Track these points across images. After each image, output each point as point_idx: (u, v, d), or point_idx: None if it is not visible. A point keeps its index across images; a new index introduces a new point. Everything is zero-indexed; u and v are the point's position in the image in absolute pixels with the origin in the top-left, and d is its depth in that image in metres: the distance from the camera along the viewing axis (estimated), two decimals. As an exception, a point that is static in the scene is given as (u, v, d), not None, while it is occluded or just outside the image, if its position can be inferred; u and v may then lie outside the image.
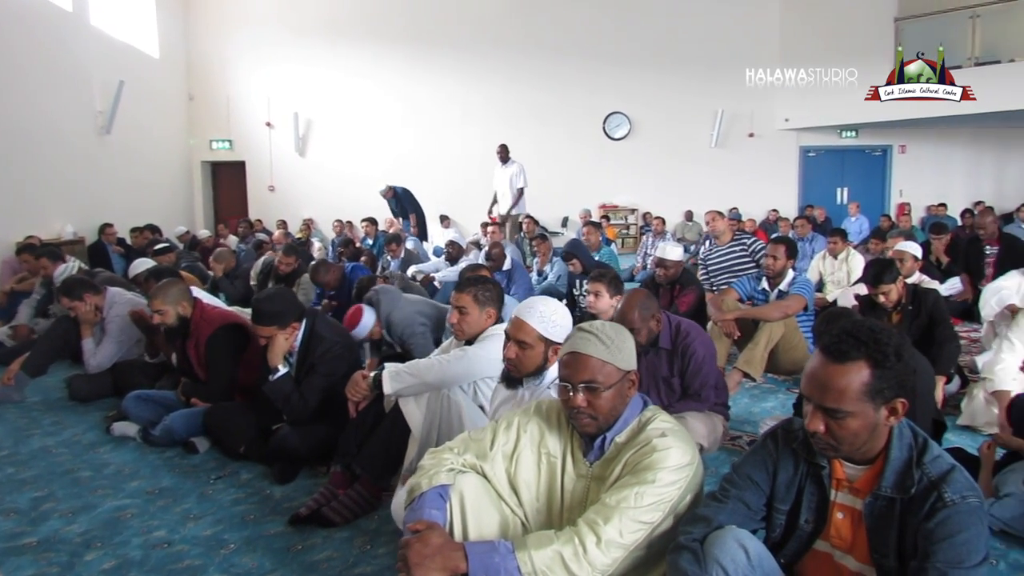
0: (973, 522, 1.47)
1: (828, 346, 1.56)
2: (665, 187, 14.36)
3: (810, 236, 9.17)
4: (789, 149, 14.79)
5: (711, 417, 3.21)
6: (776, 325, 4.36)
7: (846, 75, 12.21)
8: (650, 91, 14.28)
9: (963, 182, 14.86)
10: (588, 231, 7.47)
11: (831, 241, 6.99)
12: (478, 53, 14.19)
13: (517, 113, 14.07)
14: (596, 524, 1.69)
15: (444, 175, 13.84)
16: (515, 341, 2.32)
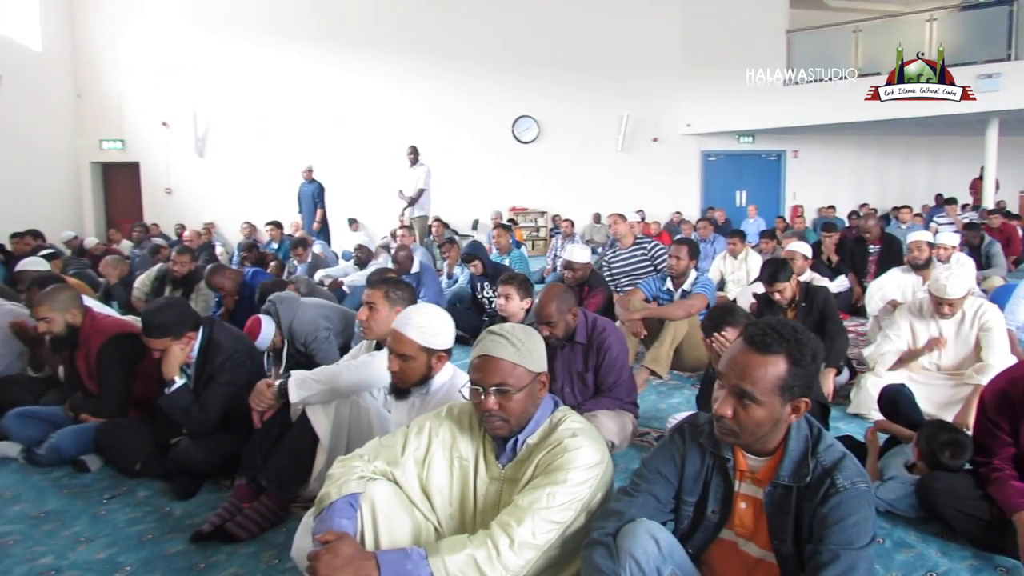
0: (862, 506, 1.58)
1: (753, 337, 1.63)
2: (574, 190, 14.60)
3: (711, 237, 9.49)
4: (691, 153, 15.32)
5: (621, 415, 3.27)
6: (680, 323, 4.51)
7: (756, 78, 12.84)
8: (558, 96, 14.49)
9: (849, 185, 15.81)
10: (498, 233, 7.50)
11: (731, 242, 7.26)
12: (388, 54, 13.99)
13: (428, 115, 13.97)
14: (509, 526, 1.69)
15: (353, 177, 13.58)
16: (396, 354, 2.28)
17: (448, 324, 2.37)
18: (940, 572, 2.30)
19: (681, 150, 15.13)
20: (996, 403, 2.41)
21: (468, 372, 1.94)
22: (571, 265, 5.13)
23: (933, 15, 12.31)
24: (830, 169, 15.75)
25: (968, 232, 7.56)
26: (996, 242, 7.77)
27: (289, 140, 13.79)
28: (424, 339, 2.26)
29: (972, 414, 3.06)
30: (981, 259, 7.33)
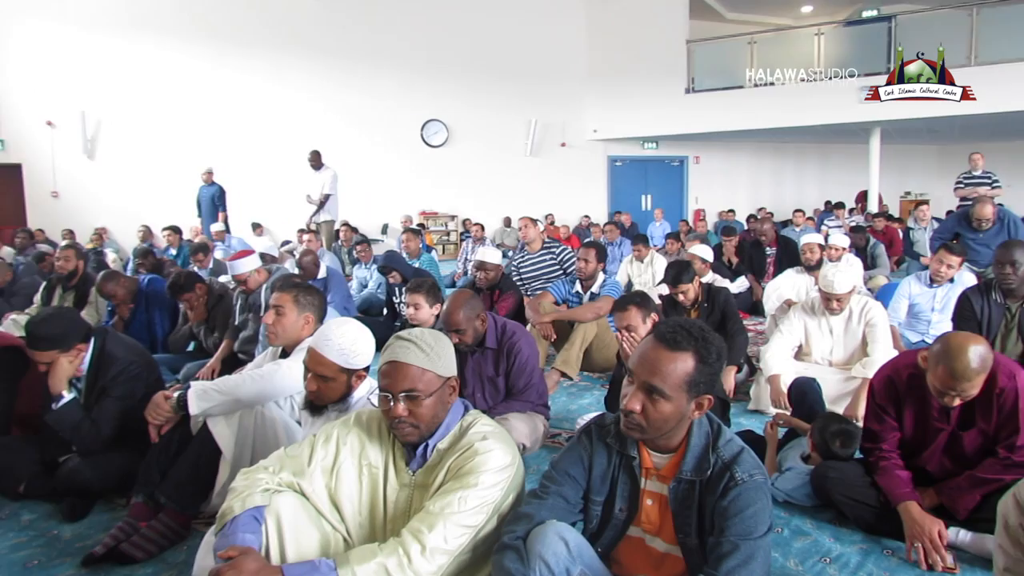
0: (759, 497, 1.65)
1: (664, 334, 1.67)
2: (484, 194, 14.64)
3: (619, 240, 9.71)
4: (598, 158, 15.64)
5: (532, 417, 3.30)
6: (590, 325, 4.58)
7: (658, 86, 13.22)
8: (467, 100, 14.50)
9: (747, 190, 16.55)
10: (407, 238, 7.42)
11: (635, 249, 7.45)
12: (291, 56, 13.59)
13: (333, 118, 13.68)
14: (420, 532, 1.68)
15: (256, 180, 13.12)
16: (315, 375, 2.21)
17: (368, 341, 2.29)
18: (833, 557, 2.42)
19: (588, 155, 15.43)
20: (883, 391, 2.56)
21: (376, 378, 1.90)
22: (483, 266, 5.14)
23: (820, 29, 13.03)
24: (730, 174, 16.44)
25: (854, 235, 8.03)
26: (880, 244, 8.28)
27: (187, 142, 13.17)
28: (345, 361, 2.20)
29: (861, 406, 3.25)
30: (867, 260, 7.79)
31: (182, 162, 12.75)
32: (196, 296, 4.77)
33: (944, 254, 4.85)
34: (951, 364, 2.21)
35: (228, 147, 13.15)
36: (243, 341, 4.64)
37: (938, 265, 4.84)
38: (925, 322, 4.90)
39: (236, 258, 4.81)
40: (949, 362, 2.22)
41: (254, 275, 4.70)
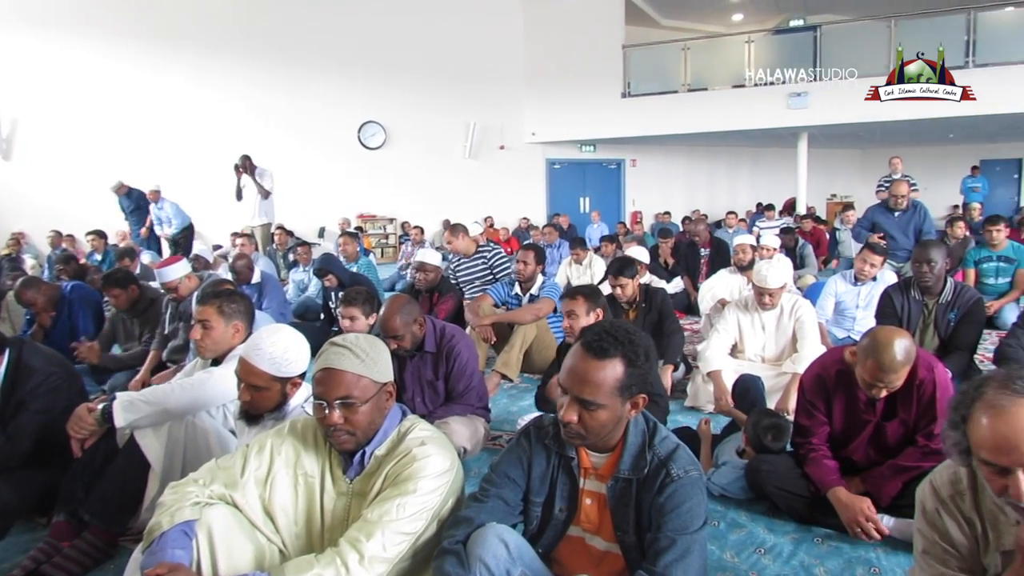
0: (694, 492, 1.68)
1: (589, 343, 1.67)
2: (423, 196, 14.53)
3: (557, 242, 9.77)
4: (537, 161, 15.71)
5: (473, 420, 3.29)
6: (529, 327, 4.60)
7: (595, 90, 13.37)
8: (405, 102, 14.35)
9: (683, 193, 16.90)
10: (345, 241, 7.31)
11: (574, 252, 7.51)
12: (222, 56, 13.22)
13: (267, 120, 13.37)
14: (358, 541, 1.65)
15: (188, 183, 12.67)
16: (247, 385, 2.15)
17: (302, 347, 2.24)
18: (767, 547, 2.49)
19: (527, 158, 15.48)
20: (813, 387, 2.65)
21: (311, 385, 1.86)
22: (423, 267, 5.11)
23: (751, 37, 13.39)
24: (665, 177, 16.75)
25: (784, 236, 8.27)
26: (808, 244, 8.56)
27: (111, 144, 12.68)
28: (277, 370, 2.14)
29: (792, 400, 3.37)
30: (796, 260, 8.04)
31: (105, 164, 12.23)
32: (127, 295, 4.62)
33: (867, 254, 5.05)
34: (879, 357, 2.31)
35: (154, 149, 12.72)
36: (172, 350, 4.49)
37: (862, 264, 5.04)
38: (850, 319, 5.09)
39: (165, 265, 4.64)
40: (877, 355, 2.31)
41: (184, 282, 4.54)
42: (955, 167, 15.70)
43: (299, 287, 7.42)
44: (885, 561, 2.37)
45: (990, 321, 5.63)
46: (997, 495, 1.35)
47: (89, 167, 12.47)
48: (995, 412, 1.32)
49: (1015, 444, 1.29)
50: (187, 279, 4.56)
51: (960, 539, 1.52)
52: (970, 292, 4.06)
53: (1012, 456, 1.29)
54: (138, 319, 4.77)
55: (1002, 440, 1.30)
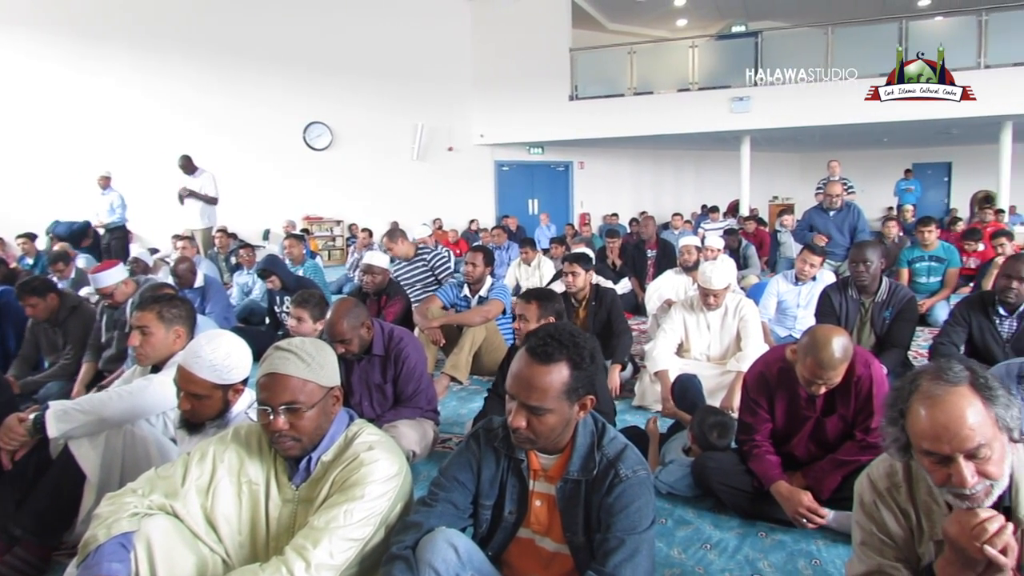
0: (643, 492, 1.70)
1: (534, 348, 1.67)
2: (370, 198, 14.36)
3: (506, 244, 9.80)
4: (485, 163, 15.71)
5: (422, 423, 3.27)
6: (478, 329, 4.59)
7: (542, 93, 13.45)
8: (352, 102, 14.17)
9: (630, 194, 17.12)
10: (290, 244, 7.18)
11: (523, 251, 7.54)
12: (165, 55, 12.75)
13: (211, 119, 13.01)
14: (304, 549, 1.62)
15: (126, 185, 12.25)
16: (187, 394, 2.09)
17: (244, 352, 2.18)
18: (714, 542, 2.54)
19: (476, 159, 15.47)
20: (756, 385, 2.72)
21: (255, 391, 1.82)
22: (371, 269, 5.06)
23: (694, 42, 13.65)
24: (613, 179, 16.94)
25: (727, 237, 8.45)
26: (751, 245, 8.75)
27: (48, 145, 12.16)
28: (218, 377, 2.08)
29: (736, 397, 3.44)
30: (740, 260, 8.22)
31: (39, 165, 11.79)
32: (46, 304, 4.30)
33: (807, 254, 5.19)
34: (818, 355, 2.38)
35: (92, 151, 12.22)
36: (107, 360, 4.31)
37: (802, 264, 5.17)
38: (792, 317, 5.22)
39: (100, 270, 4.45)
40: (816, 353, 2.39)
41: (121, 287, 4.37)
42: (889, 170, 16.30)
43: (243, 290, 7.27)
44: (826, 553, 2.44)
45: (923, 319, 5.85)
46: (939, 486, 1.39)
47: (21, 168, 11.94)
48: (932, 402, 1.37)
49: (954, 431, 1.33)
50: (124, 284, 4.40)
51: (896, 530, 1.57)
52: (904, 291, 4.21)
53: (952, 443, 1.33)
54: (60, 329, 4.44)
55: (941, 428, 1.34)
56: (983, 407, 1.35)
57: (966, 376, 1.39)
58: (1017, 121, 11.72)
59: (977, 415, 1.34)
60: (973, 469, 1.34)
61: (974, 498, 1.35)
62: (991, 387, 1.38)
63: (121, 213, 9.40)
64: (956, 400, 1.35)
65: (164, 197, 9.81)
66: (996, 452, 1.35)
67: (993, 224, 9.45)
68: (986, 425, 1.34)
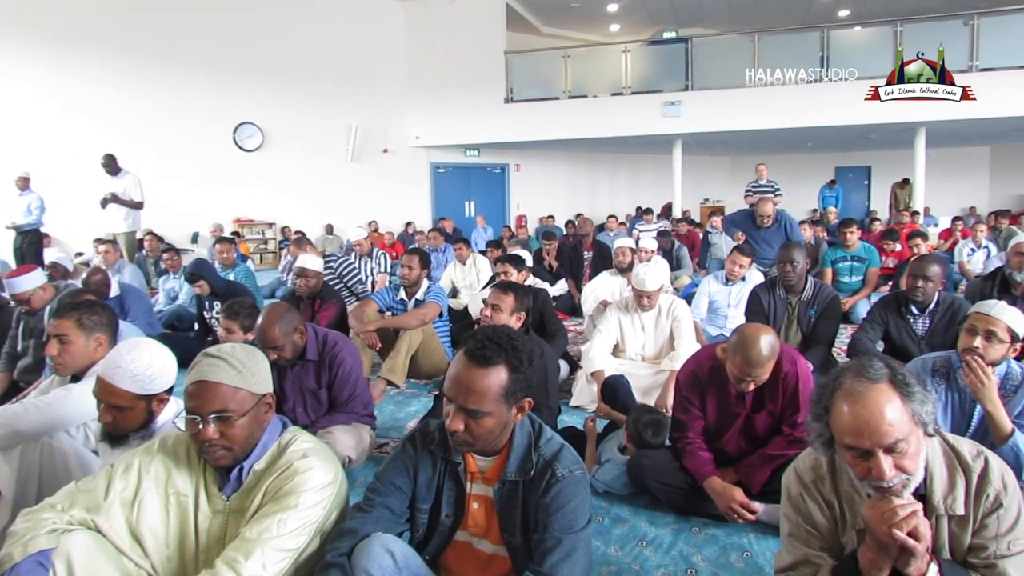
0: (579, 491, 1.71)
1: (473, 351, 1.66)
2: (304, 200, 14.09)
3: (443, 247, 9.75)
4: (421, 165, 15.60)
5: (358, 429, 3.22)
6: (415, 332, 4.55)
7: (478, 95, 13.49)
8: (283, 103, 13.84)
9: (566, 197, 17.28)
10: (221, 248, 6.99)
11: (457, 247, 7.52)
12: (87, 52, 12.22)
13: (135, 119, 12.51)
14: (236, 561, 1.58)
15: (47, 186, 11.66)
16: (107, 406, 1.99)
17: (168, 361, 2.09)
18: (649, 539, 2.58)
19: (411, 161, 15.35)
20: (688, 383, 2.78)
21: (183, 399, 1.76)
22: (304, 272, 4.96)
23: (627, 47, 13.88)
24: (549, 182, 17.06)
25: (661, 239, 8.61)
26: (684, 247, 8.95)
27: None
28: (140, 387, 1.99)
29: (670, 396, 3.51)
30: (673, 261, 8.39)
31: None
32: None
33: (736, 255, 5.34)
34: (746, 353, 2.45)
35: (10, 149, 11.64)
36: (23, 370, 4.10)
37: (732, 265, 5.32)
38: (723, 317, 5.36)
39: (16, 275, 4.22)
40: (744, 351, 2.46)
41: (39, 293, 4.17)
42: (814, 173, 16.93)
43: (169, 296, 7.03)
44: (756, 545, 2.51)
45: (846, 316, 6.09)
46: (861, 479, 1.45)
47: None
48: (853, 399, 1.43)
49: (874, 426, 1.39)
50: (41, 290, 4.20)
51: (821, 520, 1.63)
52: (828, 290, 4.38)
53: (872, 438, 1.39)
54: None
55: (862, 424, 1.40)
56: (901, 403, 1.42)
57: (886, 373, 1.45)
58: (930, 127, 12.32)
59: (895, 411, 1.40)
60: (891, 463, 1.40)
61: (892, 491, 1.41)
62: (909, 384, 1.44)
63: (38, 215, 8.95)
64: (876, 397, 1.41)
65: (86, 199, 9.40)
66: (912, 446, 1.42)
67: (909, 225, 9.94)
68: (904, 421, 1.41)
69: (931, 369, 2.58)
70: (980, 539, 1.48)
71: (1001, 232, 9.30)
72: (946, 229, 11.60)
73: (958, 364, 2.49)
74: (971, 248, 7.95)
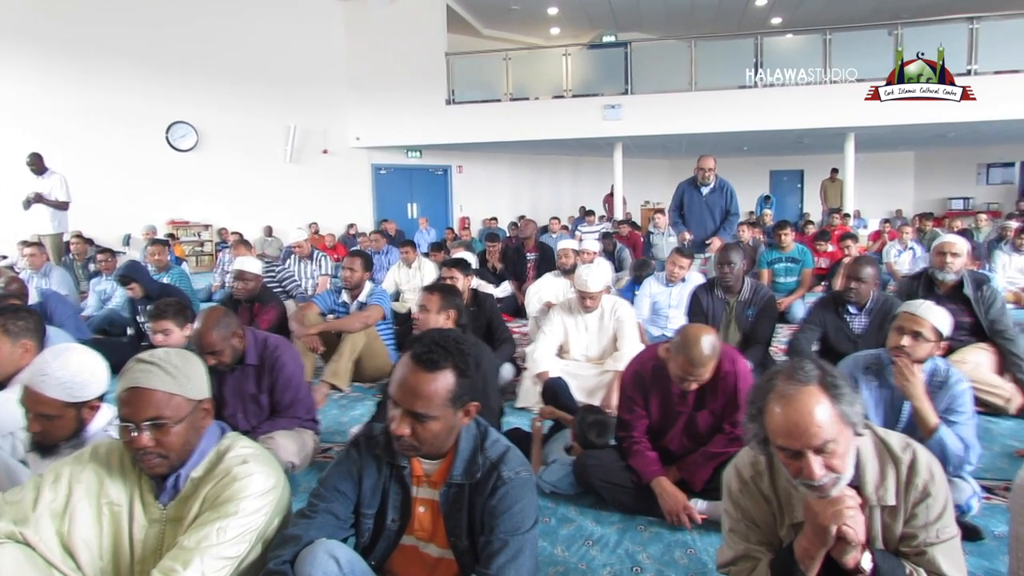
0: (525, 493, 1.71)
1: (419, 355, 1.64)
2: (241, 201, 13.78)
3: (385, 249, 9.65)
4: (362, 166, 15.42)
5: (301, 434, 3.16)
6: (359, 335, 4.50)
7: (419, 96, 13.47)
8: (218, 102, 13.51)
9: (509, 199, 17.34)
10: (155, 250, 6.77)
11: (403, 251, 7.45)
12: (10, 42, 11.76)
13: (60, 117, 12.05)
14: (173, 571, 1.53)
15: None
16: (35, 415, 1.93)
17: (97, 367, 2.03)
18: (595, 538, 2.60)
19: (352, 163, 15.16)
20: (632, 383, 2.82)
21: (116, 406, 1.70)
22: (243, 275, 4.85)
23: (568, 50, 14.00)
24: (492, 183, 17.09)
25: (603, 240, 8.71)
26: (626, 248, 9.08)
27: None
28: (69, 395, 1.93)
29: (614, 396, 3.55)
30: (615, 262, 8.50)
31: None
32: None
33: (676, 257, 5.45)
34: (688, 353, 2.50)
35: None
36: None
37: (672, 266, 5.42)
38: (664, 317, 5.46)
39: None
40: (686, 351, 2.51)
41: None
42: (751, 176, 17.40)
43: (101, 298, 6.78)
44: (700, 542, 2.55)
45: (782, 316, 6.27)
46: (793, 477, 1.50)
47: None
48: (785, 402, 1.47)
49: (804, 428, 1.43)
50: None
51: (760, 515, 1.68)
52: (764, 290, 4.50)
53: (802, 439, 1.43)
54: None
55: (792, 426, 1.44)
56: (830, 405, 1.46)
57: (816, 375, 1.49)
58: (859, 132, 12.81)
59: (824, 413, 1.44)
60: (821, 462, 1.44)
61: (822, 488, 1.46)
62: (838, 385, 1.48)
63: None
64: (806, 399, 1.45)
65: (9, 200, 9.00)
66: (841, 446, 1.46)
67: (840, 227, 10.29)
68: (832, 422, 1.45)
69: (863, 367, 2.67)
70: (910, 528, 1.54)
71: (926, 234, 9.73)
72: (875, 231, 12.07)
73: (887, 362, 2.59)
74: (898, 249, 8.28)
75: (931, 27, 12.08)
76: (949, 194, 18.35)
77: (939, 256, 4.07)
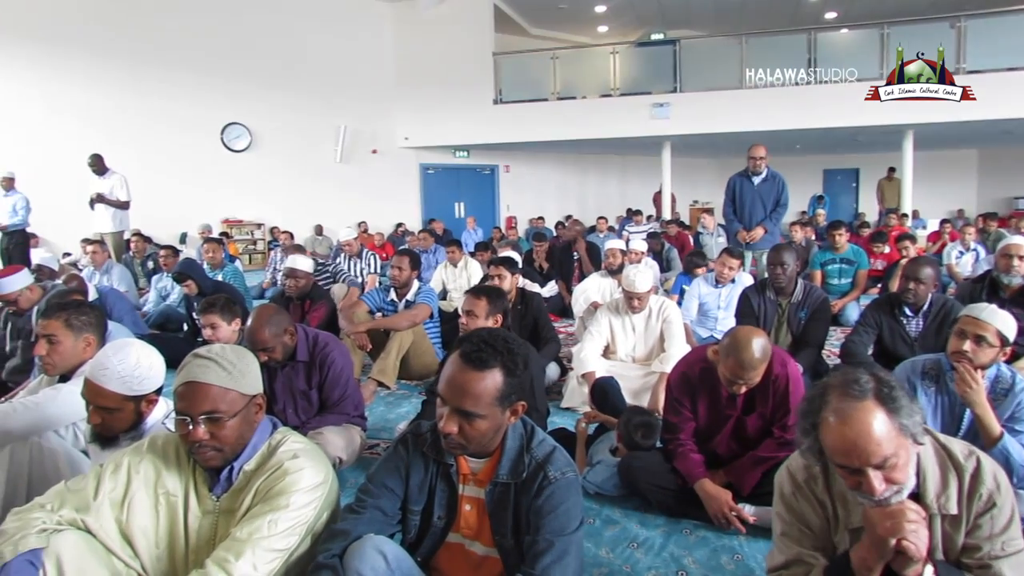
0: (571, 494, 1.71)
1: (468, 354, 1.65)
2: (292, 201, 14.03)
3: (433, 248, 9.73)
4: (410, 166, 15.58)
5: (349, 430, 3.21)
6: (406, 333, 4.55)
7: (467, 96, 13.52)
8: (272, 104, 13.78)
9: (555, 198, 17.30)
10: (209, 248, 6.95)
11: (449, 250, 7.50)
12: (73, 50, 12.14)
13: (121, 119, 12.40)
14: (226, 561, 1.57)
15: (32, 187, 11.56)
16: (96, 407, 1.98)
17: (155, 362, 2.09)
18: (640, 541, 2.58)
19: (400, 162, 15.32)
20: (679, 385, 2.78)
21: (173, 400, 1.75)
22: (294, 273, 4.94)
23: (615, 48, 13.91)
24: (538, 183, 17.08)
25: (651, 240, 8.64)
26: (674, 248, 8.98)
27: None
28: (128, 389, 1.99)
29: (661, 398, 3.51)
30: (663, 263, 8.42)
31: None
32: None
33: (726, 258, 5.36)
34: (739, 355, 2.45)
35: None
36: (11, 371, 4.06)
37: (721, 267, 5.34)
38: (713, 319, 5.38)
39: (2, 275, 4.18)
40: (737, 354, 2.46)
41: (26, 293, 4.13)
42: (803, 175, 17.02)
43: (161, 294, 6.99)
44: (748, 548, 2.51)
45: (835, 318, 6.11)
46: (851, 490, 1.46)
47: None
48: (840, 420, 1.42)
49: (862, 447, 1.38)
50: (29, 290, 4.16)
51: (814, 520, 1.64)
52: (817, 292, 4.40)
53: (861, 458, 1.39)
54: None
55: (850, 445, 1.40)
56: (888, 419, 1.40)
57: (871, 388, 1.44)
58: (917, 130, 12.41)
59: (882, 428, 1.39)
60: (881, 478, 1.40)
61: (883, 503, 1.42)
62: (895, 397, 1.43)
63: (24, 216, 8.87)
64: (863, 416, 1.40)
65: (73, 200, 9.35)
66: (902, 459, 1.41)
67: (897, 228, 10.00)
68: (891, 437, 1.40)
69: (921, 372, 2.59)
70: (974, 539, 1.49)
71: (990, 235, 9.39)
72: (934, 232, 11.69)
73: (948, 367, 2.50)
74: (959, 251, 8.02)
75: (996, 19, 11.65)
76: (1015, 193, 17.63)
77: (1005, 258, 3.93)
